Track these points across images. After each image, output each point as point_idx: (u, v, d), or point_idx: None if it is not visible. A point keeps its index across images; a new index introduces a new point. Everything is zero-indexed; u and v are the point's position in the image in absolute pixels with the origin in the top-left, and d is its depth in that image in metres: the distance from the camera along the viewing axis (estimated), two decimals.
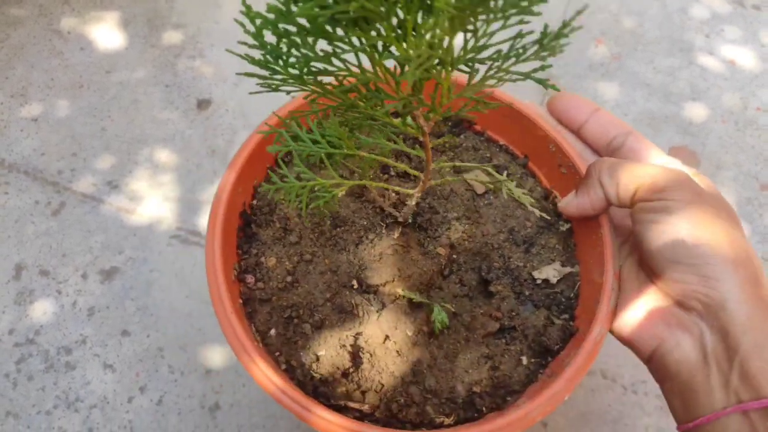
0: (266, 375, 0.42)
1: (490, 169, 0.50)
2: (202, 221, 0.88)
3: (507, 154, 0.60)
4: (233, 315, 0.45)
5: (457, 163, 0.52)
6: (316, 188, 0.43)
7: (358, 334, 0.48)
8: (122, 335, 0.80)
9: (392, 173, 0.58)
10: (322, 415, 0.40)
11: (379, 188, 0.55)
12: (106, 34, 1.06)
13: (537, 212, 0.52)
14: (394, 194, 0.55)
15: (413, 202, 0.49)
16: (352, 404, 0.45)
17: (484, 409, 0.45)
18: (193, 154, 0.94)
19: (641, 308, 0.44)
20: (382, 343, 0.47)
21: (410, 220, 0.54)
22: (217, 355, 0.78)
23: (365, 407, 0.45)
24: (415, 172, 0.47)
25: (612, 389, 0.77)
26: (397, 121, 0.38)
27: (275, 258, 0.52)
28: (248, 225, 0.54)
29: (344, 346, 0.47)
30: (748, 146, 1.01)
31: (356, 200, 0.55)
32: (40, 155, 0.93)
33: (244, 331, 0.45)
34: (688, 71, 1.11)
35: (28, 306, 0.81)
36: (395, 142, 0.44)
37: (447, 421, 0.45)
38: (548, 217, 0.55)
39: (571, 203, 0.49)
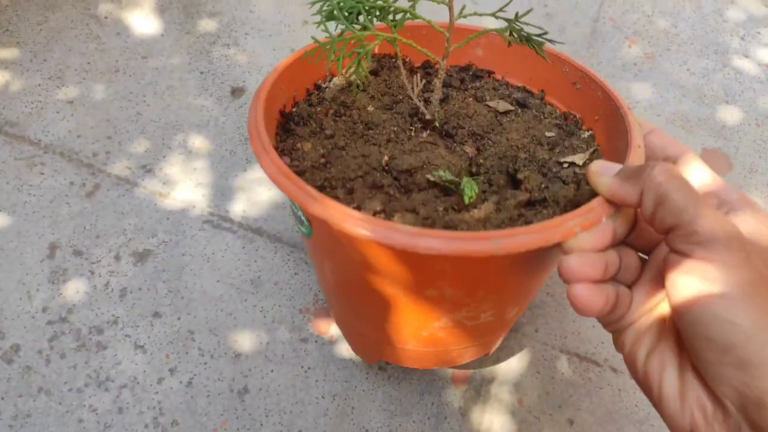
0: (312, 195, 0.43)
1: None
2: (235, 207, 0.89)
3: (525, 93, 0.65)
4: (270, 148, 0.46)
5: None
6: (353, 41, 0.45)
7: (388, 205, 0.48)
8: (153, 317, 0.81)
9: (419, 74, 0.62)
10: (359, 216, 0.40)
11: (408, 77, 0.59)
12: (143, 20, 1.07)
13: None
14: (421, 83, 0.58)
15: (440, 80, 0.53)
16: None
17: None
18: (227, 140, 0.95)
19: (671, 377, 0.38)
20: (412, 211, 0.47)
21: (437, 125, 0.57)
22: (246, 340, 0.79)
23: None
24: (442, 30, 0.50)
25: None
26: None
27: (311, 144, 0.55)
28: (287, 122, 0.58)
29: (375, 203, 0.47)
30: None
31: (387, 112, 0.59)
32: (76, 137, 0.95)
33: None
34: (722, 73, 1.10)
35: (62, 285, 0.83)
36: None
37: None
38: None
39: (604, 182, 0.42)
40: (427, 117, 0.56)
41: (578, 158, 0.53)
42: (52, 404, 0.74)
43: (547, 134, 0.57)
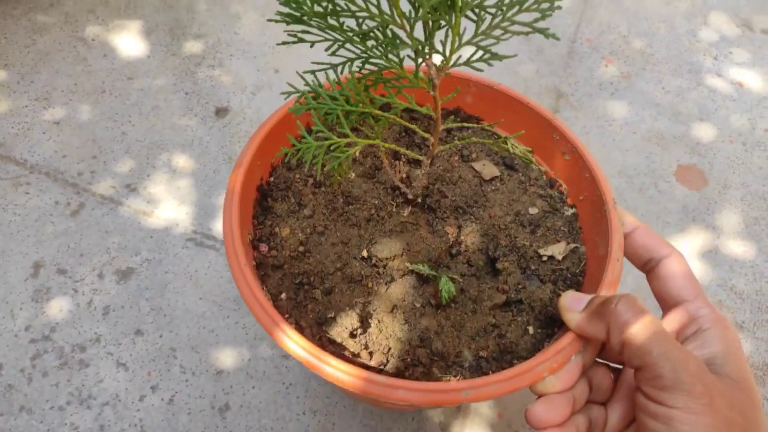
0: (283, 330, 0.43)
1: (493, 132, 0.53)
2: (217, 225, 0.90)
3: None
4: (247, 268, 0.46)
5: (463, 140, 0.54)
6: (332, 147, 0.45)
7: (367, 302, 0.50)
8: (136, 335, 0.81)
9: (402, 159, 0.60)
10: (335, 364, 0.41)
11: (391, 162, 0.57)
12: (129, 42, 1.09)
13: (535, 166, 0.54)
14: (404, 167, 0.57)
15: (424, 171, 0.51)
16: (360, 360, 0.47)
17: (490, 372, 0.47)
18: (211, 160, 0.96)
19: None
20: (389, 312, 0.49)
21: (419, 200, 0.56)
22: (228, 357, 0.80)
23: (372, 362, 0.47)
24: (420, 157, 0.50)
25: None
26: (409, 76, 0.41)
27: (289, 229, 0.54)
28: (264, 198, 0.57)
29: (353, 308, 0.49)
30: (756, 167, 1.03)
31: (368, 181, 0.58)
32: (62, 157, 0.96)
33: (258, 283, 0.46)
34: (696, 92, 1.13)
35: (45, 303, 0.83)
36: (409, 102, 0.46)
37: (453, 381, 0.46)
38: (553, 203, 0.57)
39: (573, 318, 0.44)
40: (409, 197, 0.56)
41: (558, 251, 0.54)
42: (34, 422, 0.74)
43: (531, 211, 0.57)
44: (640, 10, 1.27)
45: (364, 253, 0.52)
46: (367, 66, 0.42)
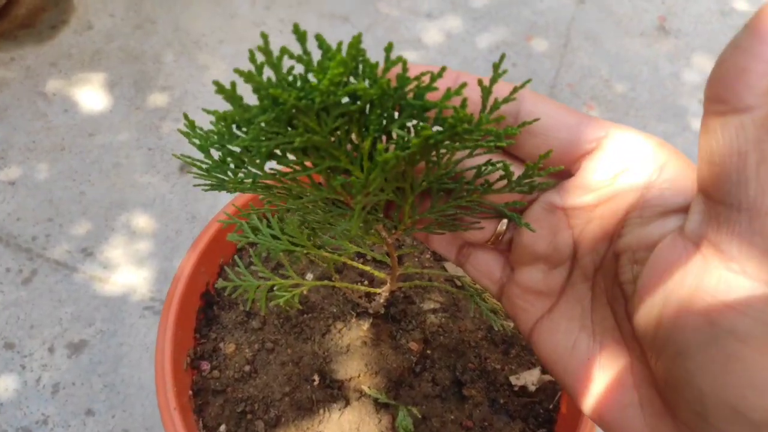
0: None
1: (456, 281, 0.47)
2: None
3: None
4: (176, 411, 0.42)
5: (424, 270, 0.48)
6: (275, 287, 0.40)
7: None
8: (86, 415, 0.76)
9: (368, 257, 0.55)
10: None
11: (348, 284, 0.52)
12: (92, 96, 1.05)
13: (504, 327, 0.48)
14: (363, 286, 0.52)
15: (382, 300, 0.46)
16: None
17: None
18: (173, 219, 0.92)
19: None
20: None
21: (383, 311, 0.50)
22: None
23: None
24: (382, 275, 0.44)
25: None
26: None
27: (235, 344, 0.49)
28: (210, 306, 0.52)
29: None
30: None
31: (326, 286, 0.52)
32: (15, 220, 0.91)
33: (188, 430, 0.41)
34: (682, 137, 1.09)
35: None
36: (359, 245, 0.41)
37: None
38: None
39: None
40: (370, 311, 0.50)
41: (532, 380, 0.48)
42: None
43: (505, 324, 0.51)
44: (621, 52, 1.23)
45: (316, 377, 0.47)
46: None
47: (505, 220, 0.32)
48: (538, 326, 0.33)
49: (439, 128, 0.22)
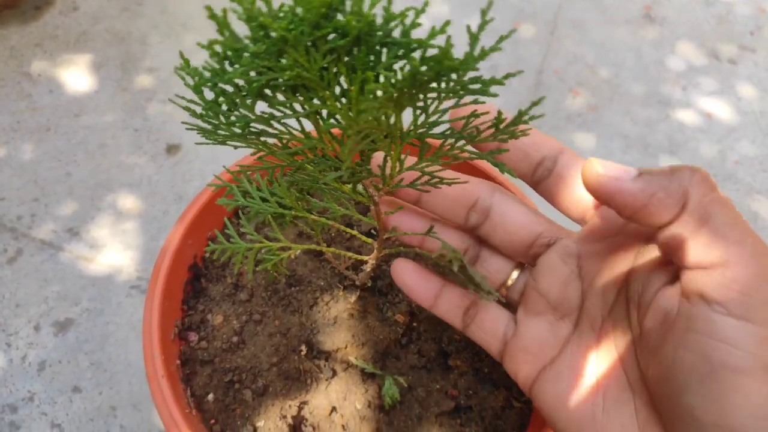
0: None
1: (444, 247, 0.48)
2: None
3: None
4: (165, 379, 0.42)
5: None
6: (263, 250, 0.40)
7: (303, 403, 0.45)
8: (73, 392, 0.75)
9: (356, 230, 0.55)
10: None
11: (334, 254, 0.53)
12: (78, 77, 1.04)
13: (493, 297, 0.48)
14: (350, 256, 0.52)
15: (369, 269, 0.46)
16: None
17: None
18: (160, 200, 0.91)
19: None
20: (328, 415, 0.44)
21: (369, 284, 0.51)
22: None
23: None
24: (369, 240, 0.44)
25: None
26: (347, 187, 0.36)
27: (222, 316, 0.49)
28: (197, 279, 0.52)
29: (285, 417, 0.43)
30: None
31: (314, 259, 0.53)
32: (0, 200, 0.90)
33: (176, 398, 0.41)
34: (665, 124, 1.11)
35: None
36: (347, 208, 0.41)
37: None
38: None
39: (602, 175, 0.28)
40: (357, 283, 0.50)
41: None
42: None
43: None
44: (606, 40, 1.25)
45: (304, 348, 0.47)
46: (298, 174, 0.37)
47: (517, 271, 0.37)
48: (540, 377, 0.34)
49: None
